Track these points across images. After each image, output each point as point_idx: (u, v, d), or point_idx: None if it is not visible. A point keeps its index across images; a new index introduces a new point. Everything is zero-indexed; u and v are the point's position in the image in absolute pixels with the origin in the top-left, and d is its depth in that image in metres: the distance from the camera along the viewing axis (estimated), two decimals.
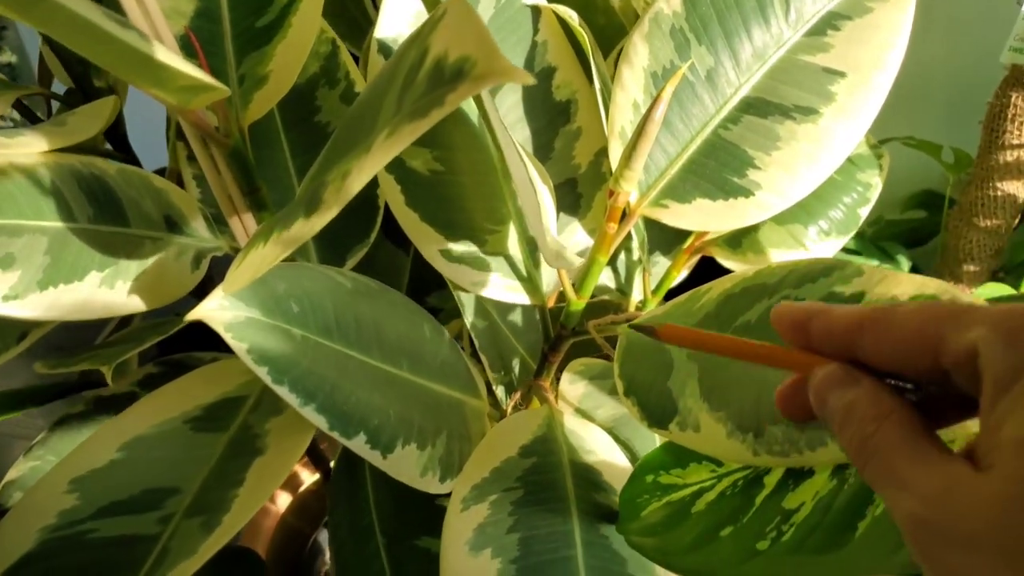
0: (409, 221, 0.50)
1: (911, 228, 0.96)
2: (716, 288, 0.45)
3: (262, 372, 0.34)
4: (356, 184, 0.26)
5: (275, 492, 0.87)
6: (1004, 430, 0.20)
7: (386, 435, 0.39)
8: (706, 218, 0.46)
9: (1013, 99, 0.68)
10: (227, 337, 0.34)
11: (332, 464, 0.84)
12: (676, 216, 0.46)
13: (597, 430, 0.50)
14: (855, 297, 0.39)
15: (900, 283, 0.38)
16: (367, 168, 0.25)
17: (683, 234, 0.59)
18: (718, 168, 0.46)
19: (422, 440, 0.42)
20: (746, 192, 0.46)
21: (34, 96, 0.64)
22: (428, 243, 0.50)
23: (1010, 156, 0.70)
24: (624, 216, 0.46)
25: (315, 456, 0.73)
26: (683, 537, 0.41)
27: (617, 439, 0.53)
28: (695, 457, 0.44)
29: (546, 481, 0.46)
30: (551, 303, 0.55)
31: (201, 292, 0.49)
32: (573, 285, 0.49)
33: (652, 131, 0.40)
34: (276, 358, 0.36)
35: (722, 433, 0.39)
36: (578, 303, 0.49)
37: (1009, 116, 0.69)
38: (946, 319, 0.23)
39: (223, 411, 0.44)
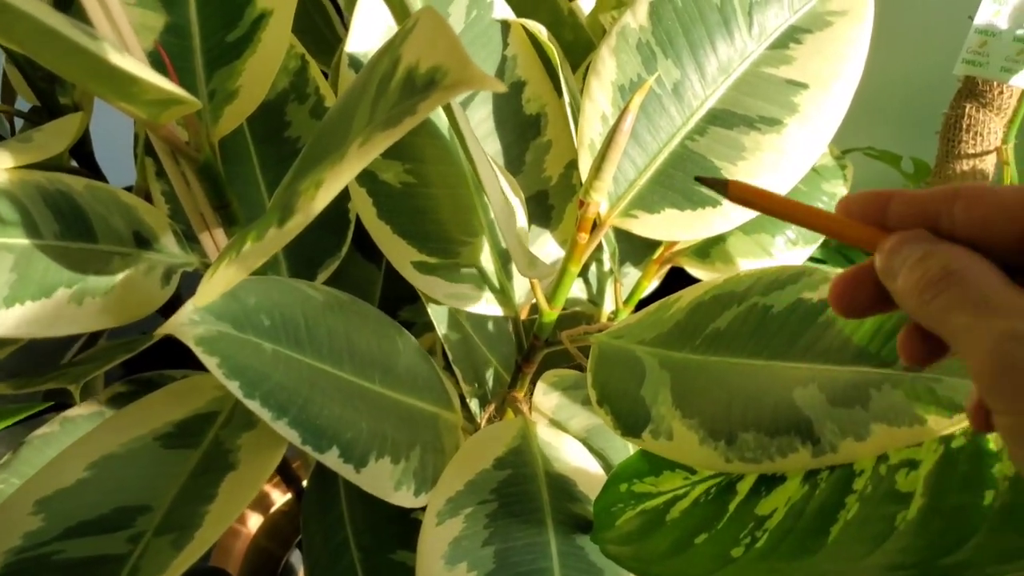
0: (381, 234, 0.50)
1: None
2: (686, 297, 0.46)
3: (233, 386, 0.34)
4: (329, 193, 0.26)
5: (246, 514, 0.86)
6: None
7: (359, 449, 0.39)
8: (675, 228, 0.47)
9: (967, 110, 0.70)
10: (198, 351, 0.34)
11: (305, 483, 0.84)
12: (645, 226, 0.47)
13: (571, 440, 0.50)
14: (823, 303, 0.39)
15: None
16: (341, 177, 0.25)
17: (653, 245, 0.60)
18: (686, 178, 0.47)
19: (396, 454, 0.42)
20: (713, 202, 0.46)
21: None
22: (400, 256, 0.51)
23: (966, 165, 0.72)
24: (595, 227, 0.46)
25: (287, 476, 0.72)
26: (658, 545, 0.41)
27: (591, 449, 0.53)
28: (669, 465, 0.44)
29: (521, 493, 0.46)
30: (524, 315, 0.55)
31: (168, 311, 0.49)
32: (546, 296, 0.49)
33: (621, 142, 0.40)
34: (247, 372, 0.35)
35: (694, 440, 0.40)
36: (551, 314, 0.49)
37: (964, 126, 0.71)
38: None
39: (194, 427, 0.44)
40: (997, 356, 0.20)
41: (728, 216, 0.46)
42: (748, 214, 0.46)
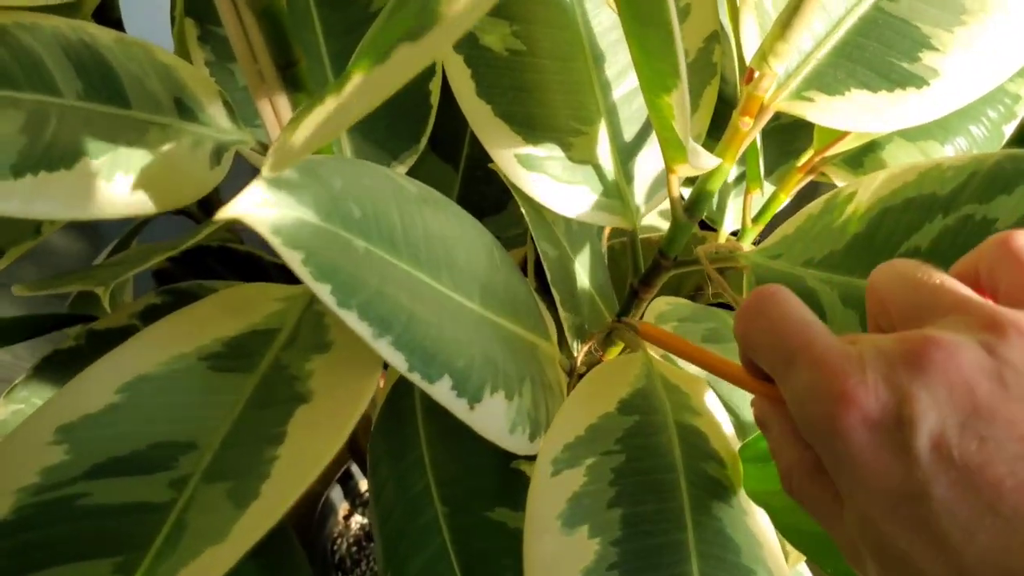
0: (480, 115, 0.40)
1: None
2: (862, 198, 0.35)
3: (324, 291, 0.25)
4: None
5: None
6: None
7: (473, 380, 0.30)
8: (863, 114, 0.36)
9: None
10: (275, 242, 0.25)
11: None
12: (824, 112, 0.36)
13: (703, 385, 0.41)
14: None
15: None
16: None
17: (793, 151, 0.50)
18: (881, 50, 0.36)
19: (508, 388, 0.33)
20: (919, 81, 0.36)
21: None
22: (501, 146, 0.41)
23: None
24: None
25: None
26: None
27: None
28: None
29: (651, 446, 0.37)
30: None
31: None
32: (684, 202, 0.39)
33: None
34: (339, 274, 0.26)
35: None
36: (689, 224, 0.39)
37: None
38: None
39: (249, 346, 0.35)
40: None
41: (941, 100, 0.35)
42: (969, 97, 0.36)
